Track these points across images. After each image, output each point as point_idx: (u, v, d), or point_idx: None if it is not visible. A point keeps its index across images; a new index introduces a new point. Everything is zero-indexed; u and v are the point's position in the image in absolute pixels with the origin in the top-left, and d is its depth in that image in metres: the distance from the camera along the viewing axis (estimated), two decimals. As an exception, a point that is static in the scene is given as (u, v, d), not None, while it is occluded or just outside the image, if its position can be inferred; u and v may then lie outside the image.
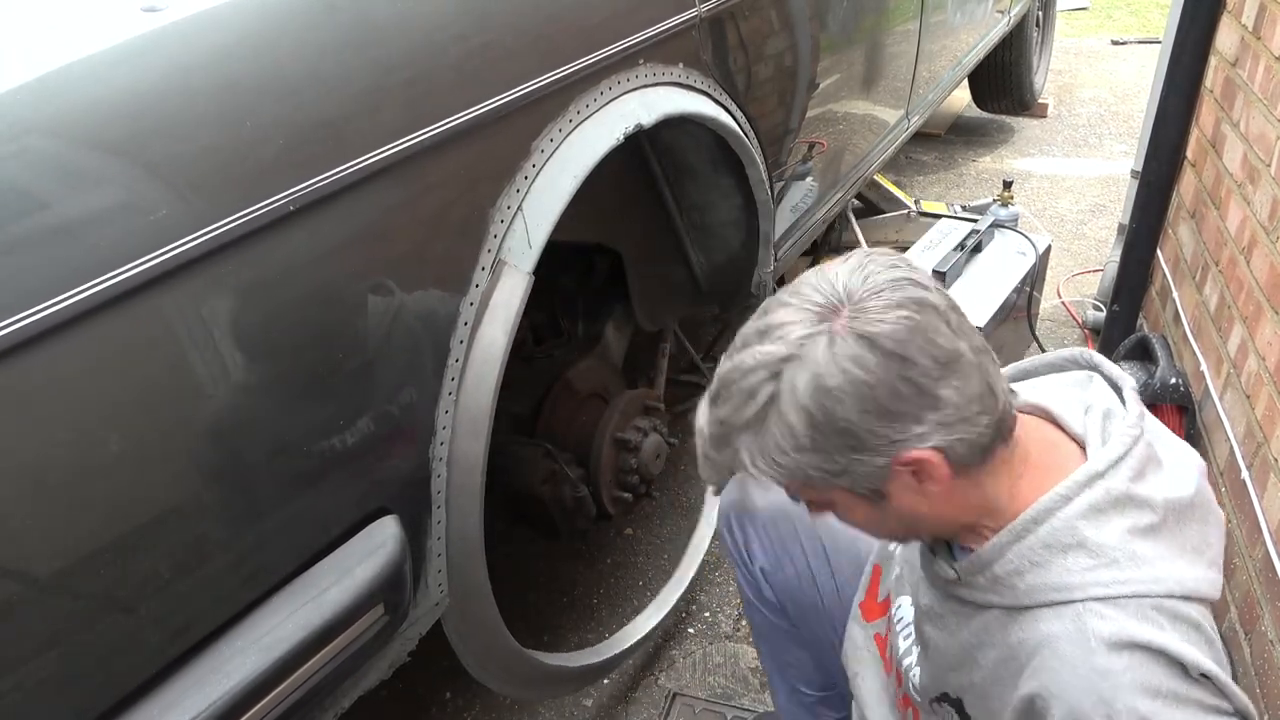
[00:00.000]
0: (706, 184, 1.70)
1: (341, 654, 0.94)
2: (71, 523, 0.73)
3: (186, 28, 0.81)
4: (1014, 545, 0.82)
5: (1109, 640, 0.76)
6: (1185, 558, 0.80)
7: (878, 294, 0.75)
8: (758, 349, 0.77)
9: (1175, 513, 0.81)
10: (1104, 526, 0.80)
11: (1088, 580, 0.79)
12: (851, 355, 0.73)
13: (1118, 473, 0.81)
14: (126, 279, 0.73)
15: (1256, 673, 1.59)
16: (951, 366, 0.76)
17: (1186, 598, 0.79)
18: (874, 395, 0.74)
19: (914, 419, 0.75)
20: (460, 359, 1.07)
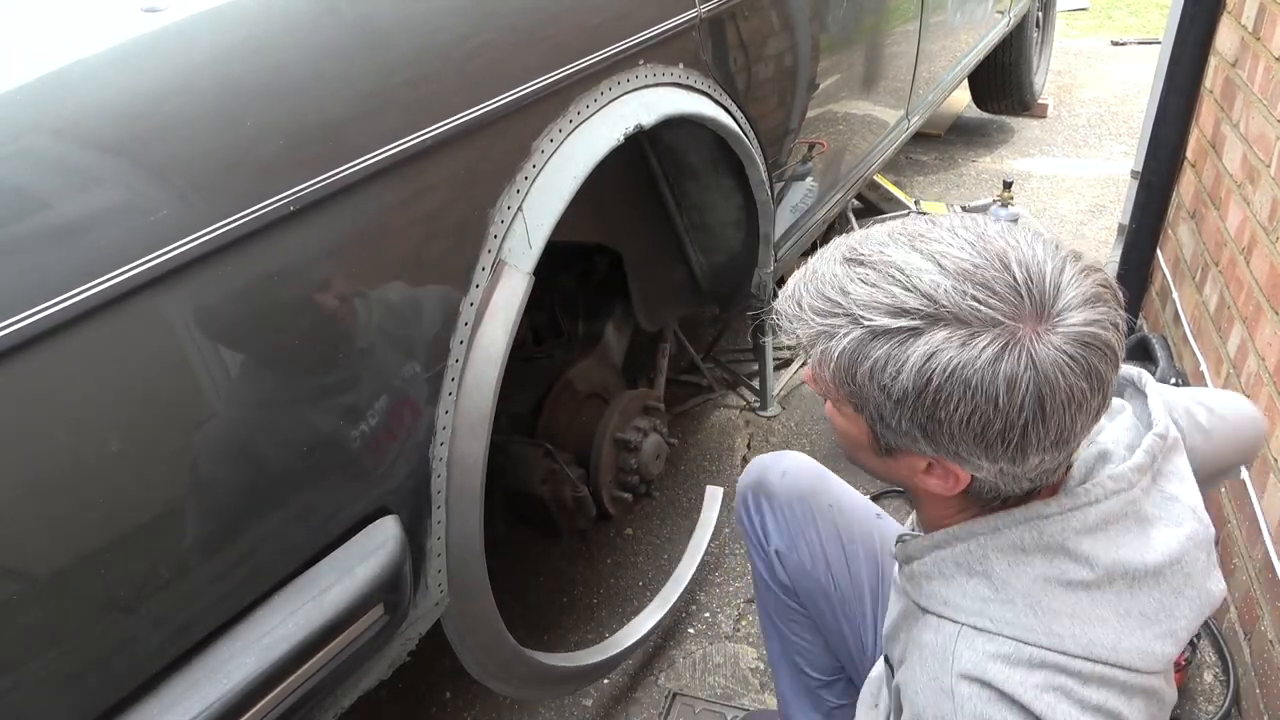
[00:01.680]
0: (706, 184, 1.70)
1: (341, 654, 0.94)
2: (71, 523, 0.73)
3: (187, 28, 0.81)
4: (934, 551, 0.83)
5: (964, 669, 0.77)
6: (1121, 622, 0.77)
7: (1084, 309, 0.70)
8: (941, 282, 0.69)
9: (1125, 577, 0.78)
10: (1019, 567, 0.78)
11: (975, 609, 0.79)
12: (1008, 377, 0.68)
13: (1065, 521, 0.78)
14: (127, 279, 0.73)
15: (1256, 673, 1.59)
16: (1061, 443, 0.73)
17: (1093, 659, 0.76)
18: (987, 421, 0.70)
19: (990, 458, 0.73)
20: (460, 359, 1.08)
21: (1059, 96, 4.72)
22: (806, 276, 0.77)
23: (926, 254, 0.72)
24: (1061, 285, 0.70)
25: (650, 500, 1.88)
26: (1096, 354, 0.70)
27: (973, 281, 0.69)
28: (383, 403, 0.98)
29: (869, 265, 0.73)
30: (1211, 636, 1.76)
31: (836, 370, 0.74)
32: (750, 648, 1.77)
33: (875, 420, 0.75)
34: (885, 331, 0.70)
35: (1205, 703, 1.66)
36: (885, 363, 0.70)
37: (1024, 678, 0.75)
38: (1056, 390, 0.69)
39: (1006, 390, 0.68)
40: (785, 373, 2.55)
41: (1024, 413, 0.69)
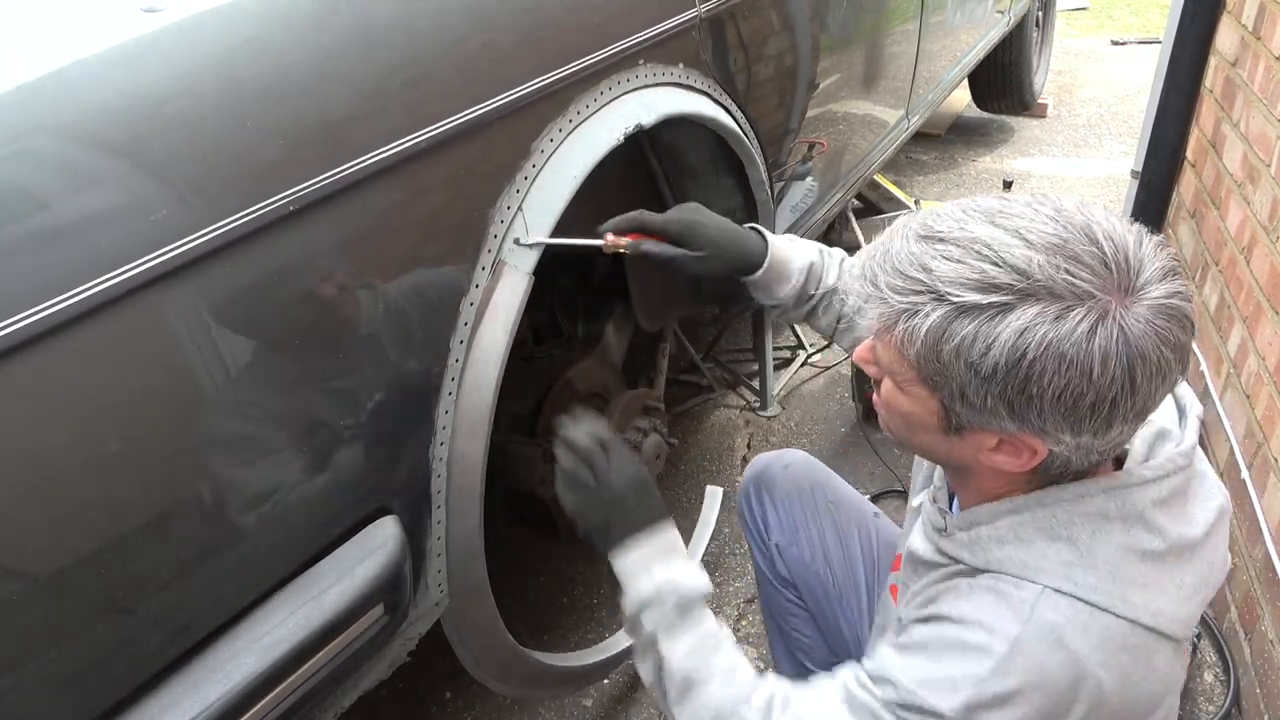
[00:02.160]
0: (706, 184, 1.70)
1: (341, 654, 0.94)
2: (71, 523, 0.73)
3: (186, 28, 0.81)
4: (1010, 516, 0.82)
5: (1043, 625, 0.77)
6: (1177, 592, 0.80)
7: (1164, 282, 0.71)
8: (1033, 256, 0.69)
9: (1181, 549, 0.80)
10: (1102, 534, 0.79)
11: (1060, 573, 0.79)
12: (1103, 350, 0.69)
13: (1145, 492, 0.80)
14: (126, 279, 0.73)
15: (1256, 672, 1.59)
16: (1143, 413, 0.74)
17: (1153, 630, 0.78)
18: (1079, 395, 0.70)
19: (1075, 430, 0.73)
20: (460, 359, 1.08)
21: (1059, 96, 4.72)
22: (879, 256, 0.76)
23: (1010, 229, 0.71)
24: (1143, 259, 0.71)
25: (650, 500, 1.87)
26: (1179, 324, 0.71)
27: (1063, 255, 0.69)
28: (382, 402, 0.98)
29: (950, 242, 0.72)
30: (1212, 636, 1.76)
31: (923, 349, 0.73)
32: (750, 647, 1.77)
33: (954, 398, 0.75)
34: (975, 307, 0.70)
35: (1205, 703, 1.66)
36: (974, 340, 0.70)
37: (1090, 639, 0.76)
38: (1147, 361, 0.70)
39: (1101, 363, 0.69)
40: (785, 373, 2.55)
41: (1115, 385, 0.69)
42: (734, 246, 1.19)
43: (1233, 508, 1.73)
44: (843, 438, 2.33)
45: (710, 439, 2.35)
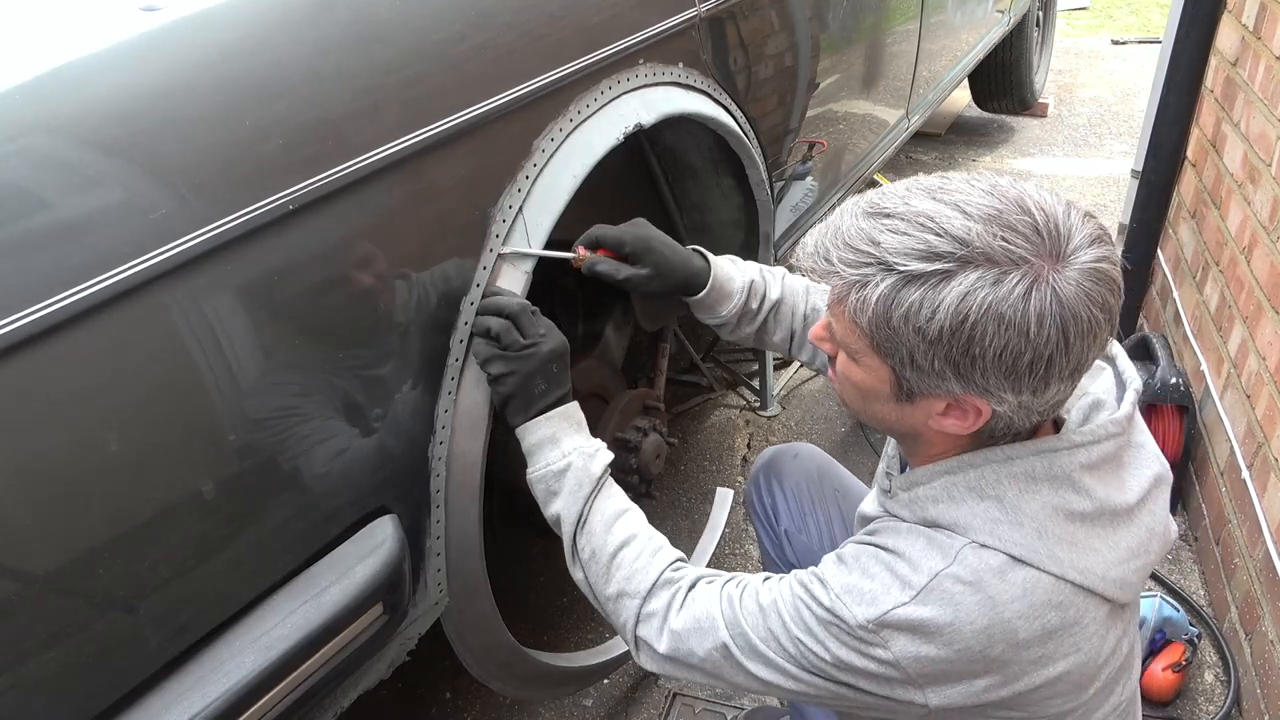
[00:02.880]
0: (706, 184, 1.70)
1: (341, 653, 0.94)
2: (71, 522, 0.73)
3: (185, 27, 0.81)
4: (944, 476, 0.87)
5: (966, 568, 0.82)
6: (1111, 553, 0.84)
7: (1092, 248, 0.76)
8: (972, 226, 0.75)
9: (1110, 514, 0.84)
10: (1029, 493, 0.83)
11: (986, 529, 0.83)
12: (1037, 310, 0.74)
13: (1073, 456, 0.84)
14: (126, 278, 0.72)
15: (1257, 672, 1.59)
16: (1076, 372, 0.79)
17: (1081, 588, 0.82)
18: (1018, 353, 0.75)
19: (1015, 389, 0.78)
20: (459, 358, 1.07)
21: (1059, 96, 4.72)
22: (830, 233, 0.81)
23: (949, 203, 0.77)
24: (1072, 227, 0.76)
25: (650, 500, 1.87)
26: (1106, 287, 0.76)
27: (999, 224, 0.75)
28: (382, 401, 0.98)
29: (896, 216, 0.78)
30: (1212, 636, 1.76)
31: (873, 317, 0.78)
32: (750, 647, 1.77)
33: (904, 364, 0.79)
34: (919, 276, 0.75)
35: (1206, 703, 1.66)
36: (921, 305, 0.75)
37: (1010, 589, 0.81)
38: (1079, 320, 0.75)
39: (1037, 323, 0.74)
40: (785, 372, 2.54)
41: (1050, 344, 0.75)
42: (683, 266, 1.20)
43: (1233, 508, 1.73)
44: (842, 437, 2.33)
45: (710, 439, 2.35)
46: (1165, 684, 1.63)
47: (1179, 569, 1.93)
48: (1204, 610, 1.81)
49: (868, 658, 0.84)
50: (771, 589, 0.92)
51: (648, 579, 0.99)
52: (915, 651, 0.82)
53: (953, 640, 0.81)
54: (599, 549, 1.02)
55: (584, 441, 1.07)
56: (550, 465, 1.05)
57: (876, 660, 0.84)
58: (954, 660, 0.82)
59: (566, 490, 1.04)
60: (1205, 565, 1.91)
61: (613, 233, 1.18)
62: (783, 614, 0.89)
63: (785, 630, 0.89)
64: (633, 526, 1.04)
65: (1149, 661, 1.65)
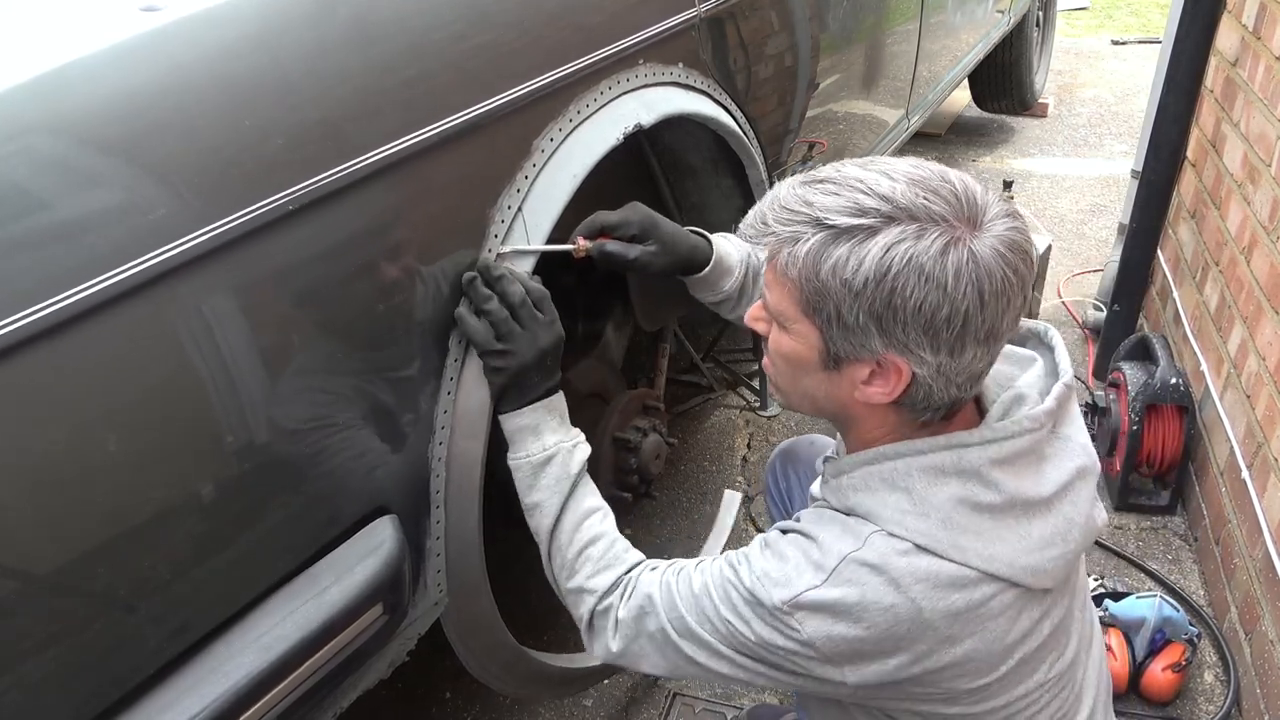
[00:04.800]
0: (706, 184, 1.69)
1: (340, 653, 0.94)
2: (71, 523, 0.73)
3: (185, 27, 0.81)
4: (862, 467, 0.92)
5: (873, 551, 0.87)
6: (1020, 543, 0.88)
7: (1005, 220, 0.82)
8: (896, 186, 0.81)
9: (1022, 506, 0.88)
10: (937, 486, 0.88)
11: (894, 519, 0.88)
12: (955, 266, 0.79)
13: (983, 451, 0.88)
14: (125, 279, 0.72)
15: (1257, 673, 1.59)
16: (991, 338, 0.84)
17: (987, 574, 0.86)
18: (936, 308, 0.80)
19: (934, 347, 0.82)
20: (459, 359, 1.08)
21: (1059, 96, 4.72)
22: (769, 202, 0.87)
23: (878, 170, 0.84)
24: (988, 202, 0.83)
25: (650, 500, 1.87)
26: (1019, 256, 0.82)
27: (922, 187, 0.81)
28: (381, 402, 0.98)
29: (828, 181, 0.84)
30: (1212, 636, 1.76)
31: (803, 268, 0.83)
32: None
33: (832, 321, 0.84)
34: (847, 230, 0.81)
35: (1205, 703, 1.66)
36: (848, 258, 0.81)
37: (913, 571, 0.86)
38: (994, 279, 0.80)
39: (954, 278, 0.79)
40: (785, 372, 2.54)
41: (966, 300, 0.80)
42: (685, 241, 1.24)
43: (1233, 508, 1.73)
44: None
45: (710, 439, 2.35)
46: (1165, 684, 1.63)
47: (1179, 569, 1.93)
48: (1204, 610, 1.81)
49: (787, 637, 0.89)
50: (704, 572, 0.98)
51: (609, 576, 1.05)
52: (827, 631, 0.87)
53: (860, 619, 0.86)
54: (567, 544, 1.09)
55: (565, 435, 1.12)
56: (531, 456, 1.10)
57: (794, 640, 0.89)
58: (864, 639, 0.87)
59: (545, 484, 1.09)
60: (1205, 565, 1.91)
61: (614, 216, 1.20)
62: (713, 596, 0.95)
63: (716, 611, 0.94)
64: (601, 526, 1.10)
65: (1149, 661, 1.65)
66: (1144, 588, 1.87)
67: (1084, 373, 2.55)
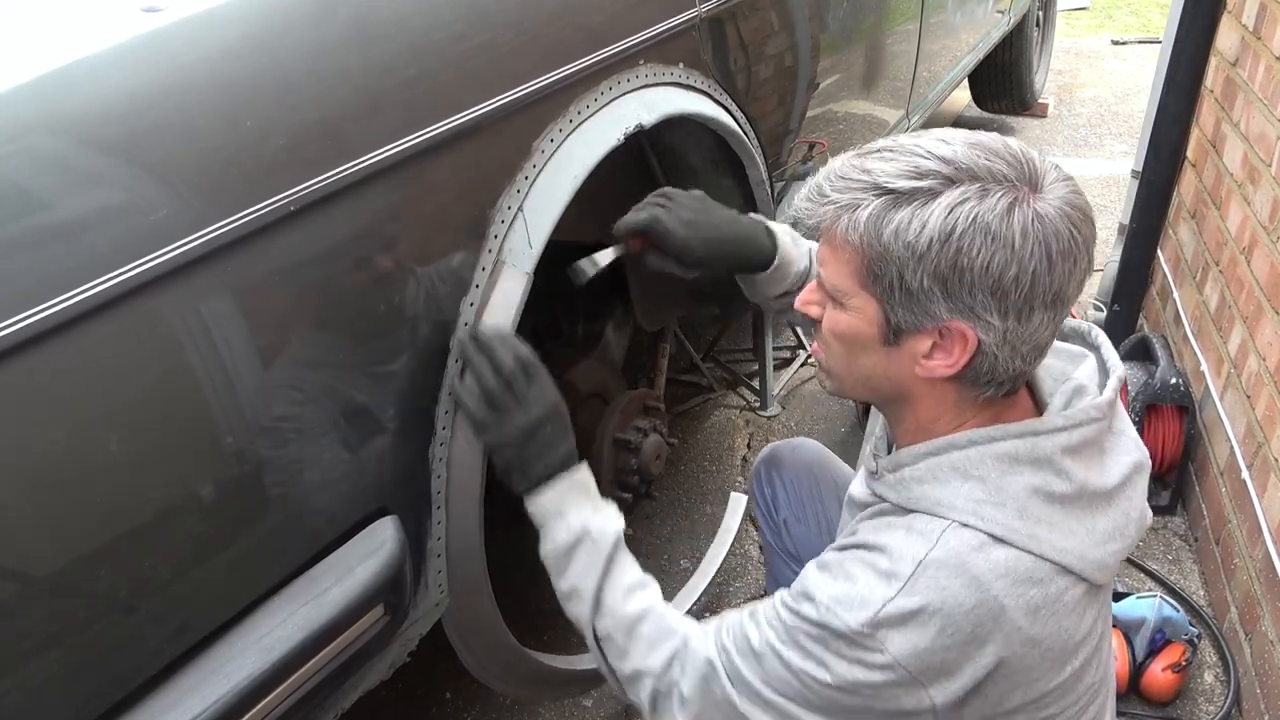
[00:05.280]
0: (706, 184, 1.69)
1: (341, 654, 0.94)
2: (71, 523, 0.73)
3: (186, 28, 0.81)
4: (929, 457, 0.88)
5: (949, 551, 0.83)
6: (1088, 536, 0.86)
7: (1064, 183, 0.81)
8: (956, 149, 0.80)
9: (1091, 496, 0.86)
10: (1011, 474, 0.85)
11: (970, 509, 0.85)
12: (1021, 224, 0.77)
13: (1054, 439, 0.86)
14: (126, 279, 0.72)
15: (1257, 673, 1.59)
16: (1058, 301, 0.82)
17: (1061, 566, 0.84)
18: (1004, 268, 0.78)
19: (1000, 311, 0.80)
20: (459, 359, 1.07)
21: (1059, 96, 4.72)
22: (824, 174, 0.86)
23: (934, 137, 0.82)
24: (1045, 167, 0.81)
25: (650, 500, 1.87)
26: (1081, 217, 0.80)
27: (981, 149, 0.80)
28: (382, 402, 0.98)
29: (884, 149, 0.83)
30: (1212, 636, 1.76)
31: (865, 233, 0.81)
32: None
33: (894, 288, 0.81)
34: (908, 193, 0.79)
35: (1205, 703, 1.66)
36: (910, 220, 0.79)
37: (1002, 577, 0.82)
38: (1061, 238, 0.78)
39: (1021, 236, 0.77)
40: (785, 372, 2.54)
41: (1034, 259, 0.78)
42: (735, 254, 1.21)
43: (1233, 508, 1.73)
44: (843, 437, 2.33)
45: (710, 439, 2.35)
46: (1165, 684, 1.63)
47: (1179, 569, 1.93)
48: (1204, 610, 1.81)
49: (869, 667, 0.83)
50: (760, 622, 0.91)
51: (664, 652, 0.98)
52: (912, 645, 0.82)
53: (945, 625, 0.82)
54: (614, 628, 1.01)
55: (590, 512, 1.05)
56: (557, 542, 1.04)
57: (878, 667, 0.83)
58: (949, 647, 0.82)
59: (578, 569, 1.03)
60: (1205, 565, 1.91)
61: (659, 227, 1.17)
62: (777, 648, 0.88)
63: (785, 665, 0.88)
64: (647, 600, 1.02)
65: (1149, 661, 1.65)
66: (1144, 588, 1.87)
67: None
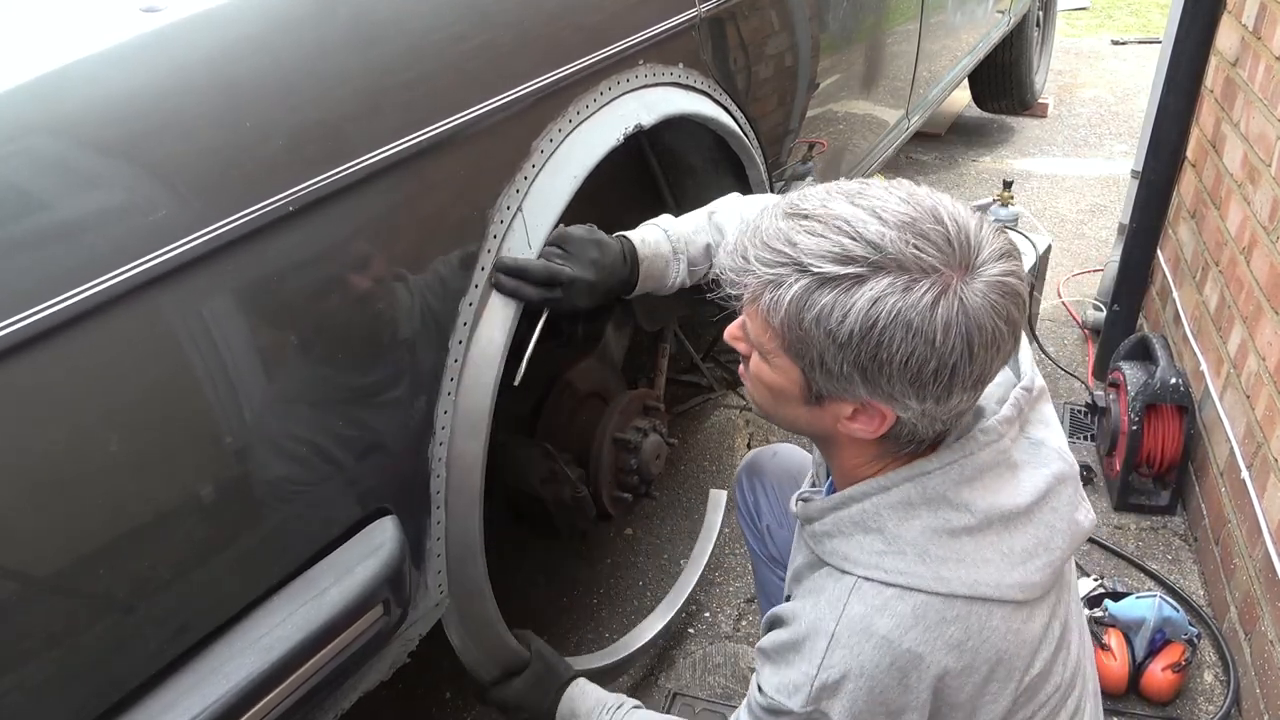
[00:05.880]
0: (706, 184, 1.69)
1: (341, 654, 0.94)
2: (71, 523, 0.73)
3: (186, 28, 0.81)
4: (833, 512, 0.90)
5: (853, 618, 0.85)
6: (1004, 560, 0.85)
7: (999, 261, 0.78)
8: (886, 232, 0.76)
9: (1001, 520, 0.86)
10: (908, 520, 0.86)
11: (871, 562, 0.86)
12: (944, 319, 0.75)
13: (945, 475, 0.86)
14: (126, 279, 0.72)
15: (1256, 673, 1.59)
16: (980, 382, 0.81)
17: (975, 598, 0.84)
18: (924, 361, 0.76)
19: (919, 397, 0.79)
20: (459, 359, 1.07)
21: (1059, 96, 4.72)
22: (750, 232, 0.82)
23: (866, 208, 0.78)
24: (982, 240, 0.78)
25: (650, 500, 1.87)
26: (1012, 300, 0.78)
27: (913, 232, 0.76)
28: (381, 402, 0.98)
29: (814, 219, 0.78)
30: (1212, 636, 1.76)
31: (786, 317, 0.79)
32: (750, 647, 1.77)
33: (814, 366, 0.81)
34: (833, 278, 0.76)
35: (1205, 703, 1.66)
36: (832, 308, 0.76)
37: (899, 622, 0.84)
38: (984, 331, 0.77)
39: (943, 332, 0.75)
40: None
41: (955, 353, 0.76)
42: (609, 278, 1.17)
43: (1233, 508, 1.73)
44: (843, 438, 2.33)
45: (710, 439, 2.35)
46: (1165, 684, 1.63)
47: (1179, 569, 1.93)
48: (1203, 610, 1.81)
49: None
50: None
51: None
52: (849, 707, 0.85)
53: (872, 685, 0.84)
54: None
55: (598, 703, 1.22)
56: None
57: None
58: (885, 700, 0.85)
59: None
60: (1205, 565, 1.91)
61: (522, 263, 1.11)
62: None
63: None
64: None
65: (1149, 661, 1.65)
66: (1144, 588, 1.87)
67: (1084, 373, 2.55)
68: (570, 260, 1.13)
